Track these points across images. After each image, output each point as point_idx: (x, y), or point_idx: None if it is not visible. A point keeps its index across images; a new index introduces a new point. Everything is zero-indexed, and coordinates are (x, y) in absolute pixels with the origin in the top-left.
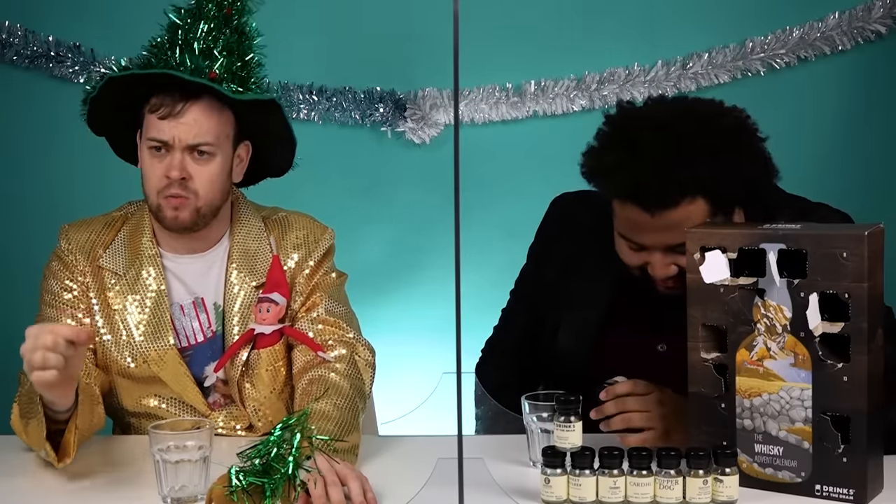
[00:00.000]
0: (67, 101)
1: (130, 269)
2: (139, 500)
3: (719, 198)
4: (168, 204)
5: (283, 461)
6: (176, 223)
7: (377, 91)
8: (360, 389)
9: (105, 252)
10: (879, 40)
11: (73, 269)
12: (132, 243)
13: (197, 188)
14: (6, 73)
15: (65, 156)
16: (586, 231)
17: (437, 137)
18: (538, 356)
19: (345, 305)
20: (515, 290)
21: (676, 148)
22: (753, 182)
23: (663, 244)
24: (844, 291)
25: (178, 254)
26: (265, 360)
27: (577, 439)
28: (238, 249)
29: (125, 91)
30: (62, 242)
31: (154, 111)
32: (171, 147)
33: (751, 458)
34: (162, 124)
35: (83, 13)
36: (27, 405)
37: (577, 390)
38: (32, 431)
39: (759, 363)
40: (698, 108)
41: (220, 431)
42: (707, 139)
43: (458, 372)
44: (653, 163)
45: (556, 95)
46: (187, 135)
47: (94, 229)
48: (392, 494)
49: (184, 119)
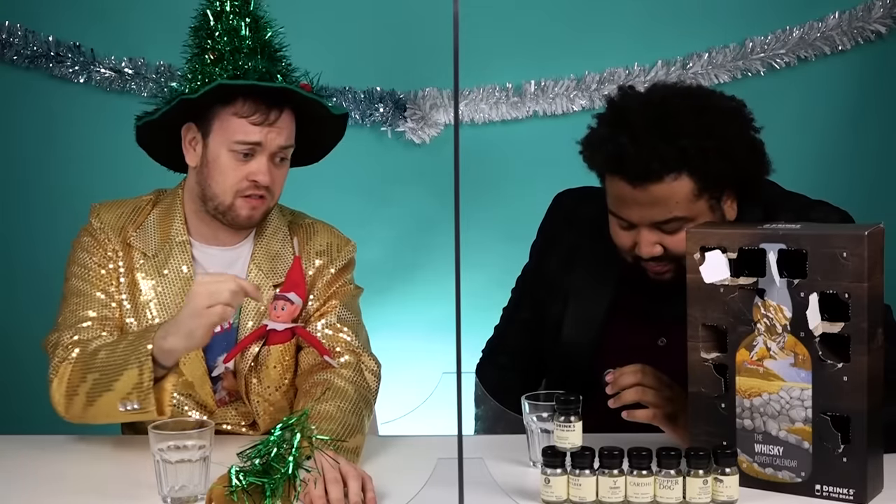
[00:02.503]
0: (67, 101)
1: (160, 252)
2: (139, 500)
3: (705, 177)
4: (246, 204)
5: (283, 461)
6: (249, 222)
7: (377, 91)
8: (365, 397)
9: (136, 233)
10: (879, 40)
11: (105, 245)
12: (162, 227)
13: (274, 190)
14: (6, 73)
15: (64, 155)
16: (588, 224)
17: (437, 137)
18: (541, 352)
19: (356, 316)
20: (517, 287)
21: (664, 123)
22: (743, 169)
23: (649, 220)
24: (844, 291)
25: (208, 244)
26: (275, 357)
27: (577, 439)
28: (262, 249)
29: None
30: (93, 220)
31: (246, 116)
32: (258, 151)
33: (751, 458)
34: (254, 128)
35: (83, 13)
36: (113, 363)
37: (579, 386)
38: (121, 388)
39: (759, 363)
40: (695, 90)
41: (226, 427)
42: (697, 117)
43: (458, 372)
44: (639, 135)
45: (556, 95)
46: (278, 140)
47: (124, 210)
48: (392, 494)
49: (277, 125)
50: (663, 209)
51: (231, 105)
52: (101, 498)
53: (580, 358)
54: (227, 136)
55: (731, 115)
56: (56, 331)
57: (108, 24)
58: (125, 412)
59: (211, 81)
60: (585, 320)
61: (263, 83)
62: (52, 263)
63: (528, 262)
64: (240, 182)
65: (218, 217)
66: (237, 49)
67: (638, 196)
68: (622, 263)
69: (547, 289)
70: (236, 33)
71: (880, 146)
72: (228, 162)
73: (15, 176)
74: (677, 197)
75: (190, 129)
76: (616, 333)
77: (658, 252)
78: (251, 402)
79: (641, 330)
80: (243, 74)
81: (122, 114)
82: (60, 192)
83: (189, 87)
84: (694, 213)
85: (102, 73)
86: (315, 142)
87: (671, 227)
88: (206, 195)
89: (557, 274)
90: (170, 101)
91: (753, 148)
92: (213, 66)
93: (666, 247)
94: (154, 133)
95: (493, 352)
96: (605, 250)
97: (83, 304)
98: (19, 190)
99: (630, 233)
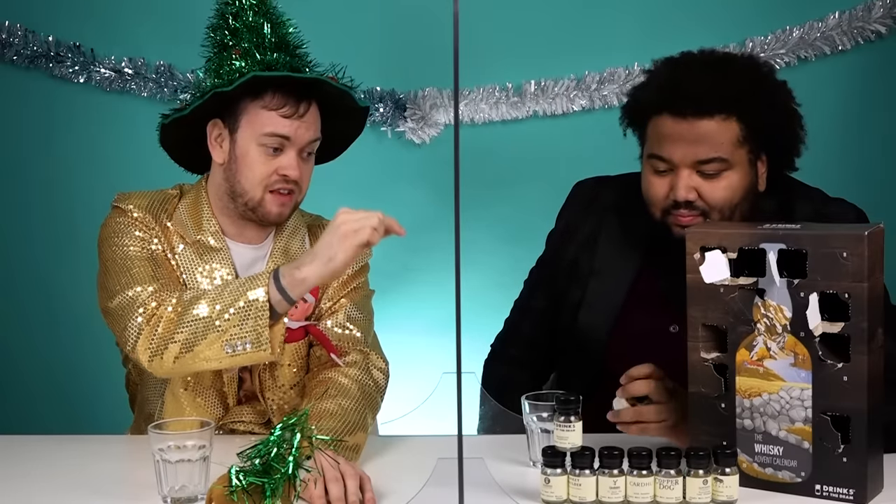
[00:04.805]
0: (67, 101)
1: (198, 237)
2: (139, 500)
3: (753, 126)
4: (275, 200)
5: (283, 461)
6: (279, 218)
7: (377, 91)
8: (370, 395)
9: (170, 220)
10: (879, 40)
11: (143, 225)
12: (194, 216)
13: (302, 185)
14: (6, 73)
15: (64, 155)
16: (608, 210)
17: (437, 137)
18: (554, 342)
19: (367, 316)
20: (530, 278)
21: (723, 68)
22: (785, 135)
23: (692, 157)
24: (844, 291)
25: (234, 241)
26: (289, 355)
27: (577, 439)
28: (280, 248)
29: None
30: (124, 205)
31: (276, 108)
32: (287, 145)
33: (751, 458)
34: (284, 121)
35: (83, 13)
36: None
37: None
38: (256, 329)
39: (759, 363)
40: (750, 57)
41: (240, 427)
42: (753, 73)
43: (458, 372)
44: (696, 73)
45: (556, 95)
46: (308, 134)
47: (154, 198)
48: (392, 494)
49: (305, 119)
50: (708, 147)
51: (260, 98)
52: (101, 498)
53: (594, 343)
54: (256, 130)
55: (785, 87)
56: (117, 294)
57: (108, 24)
58: (231, 355)
59: (242, 75)
60: (604, 304)
61: (297, 74)
62: (52, 263)
63: (543, 251)
64: (269, 176)
65: (247, 214)
66: (261, 45)
67: (685, 132)
68: (641, 247)
69: (565, 275)
70: (258, 30)
71: (880, 146)
72: (257, 157)
73: (15, 176)
74: (723, 137)
75: (216, 125)
76: (632, 319)
77: (693, 197)
78: (266, 401)
79: (657, 316)
80: (273, 68)
81: (122, 114)
82: (60, 192)
83: (221, 82)
84: (735, 159)
85: (102, 73)
86: (333, 137)
87: (711, 169)
88: (234, 191)
89: (577, 260)
90: (202, 96)
91: (795, 118)
92: (240, 61)
93: (701, 193)
94: (173, 133)
95: (503, 345)
96: (625, 234)
97: (142, 266)
98: (19, 190)
99: (666, 179)
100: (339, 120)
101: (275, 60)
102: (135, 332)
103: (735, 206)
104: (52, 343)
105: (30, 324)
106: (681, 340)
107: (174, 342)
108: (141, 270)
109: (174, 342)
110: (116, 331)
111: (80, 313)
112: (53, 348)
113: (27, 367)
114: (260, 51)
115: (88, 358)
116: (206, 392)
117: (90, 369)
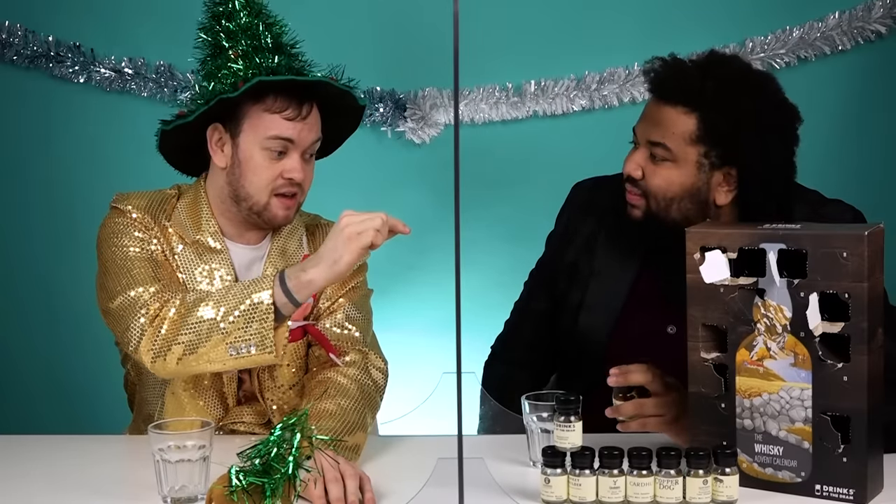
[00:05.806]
0: (67, 101)
1: (197, 237)
2: (139, 499)
3: (712, 134)
4: (281, 204)
5: (283, 461)
6: (285, 221)
7: (377, 91)
8: (369, 395)
9: (169, 220)
10: (879, 40)
11: (142, 225)
12: (193, 216)
13: (305, 187)
14: (6, 73)
15: (64, 155)
16: (607, 211)
17: (437, 137)
18: (554, 344)
19: (365, 315)
20: (530, 280)
21: (704, 68)
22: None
23: (646, 137)
24: (844, 291)
25: (233, 241)
26: (288, 355)
27: (577, 439)
28: (277, 249)
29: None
30: (122, 206)
31: (279, 111)
32: (291, 147)
33: (751, 458)
34: (288, 124)
35: (83, 13)
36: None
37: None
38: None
39: (759, 363)
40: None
41: (241, 427)
42: (738, 83)
43: (458, 372)
44: (685, 64)
45: (556, 95)
46: (310, 136)
47: (152, 199)
48: (392, 494)
49: (308, 120)
50: (660, 131)
51: (262, 102)
52: (101, 498)
53: (595, 345)
54: (259, 134)
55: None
56: (118, 295)
57: (108, 24)
58: (235, 357)
59: (245, 79)
60: (605, 305)
61: (301, 77)
62: (51, 262)
63: (543, 253)
64: (274, 180)
65: (252, 217)
66: (259, 47)
67: (651, 112)
68: (640, 248)
69: (565, 277)
70: (253, 31)
71: (880, 146)
72: (262, 161)
73: (14, 176)
74: (676, 128)
75: (216, 129)
76: (632, 320)
77: (638, 175)
78: (265, 401)
79: (657, 318)
80: (275, 71)
81: (122, 114)
82: (60, 192)
83: (223, 87)
84: (681, 154)
85: (102, 73)
86: (329, 134)
87: (658, 153)
88: (239, 195)
89: (577, 262)
90: (206, 101)
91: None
92: (240, 64)
93: (645, 174)
94: (172, 139)
95: (504, 346)
96: (623, 235)
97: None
98: (18, 190)
99: (633, 155)
100: (336, 118)
101: (276, 63)
102: (137, 333)
103: (671, 199)
104: (52, 343)
105: (30, 323)
106: (681, 341)
107: (178, 344)
108: (141, 271)
109: (178, 344)
110: (118, 331)
111: (80, 313)
112: (53, 348)
113: (27, 367)
114: (259, 53)
115: (88, 358)
116: (206, 393)
117: (90, 369)
